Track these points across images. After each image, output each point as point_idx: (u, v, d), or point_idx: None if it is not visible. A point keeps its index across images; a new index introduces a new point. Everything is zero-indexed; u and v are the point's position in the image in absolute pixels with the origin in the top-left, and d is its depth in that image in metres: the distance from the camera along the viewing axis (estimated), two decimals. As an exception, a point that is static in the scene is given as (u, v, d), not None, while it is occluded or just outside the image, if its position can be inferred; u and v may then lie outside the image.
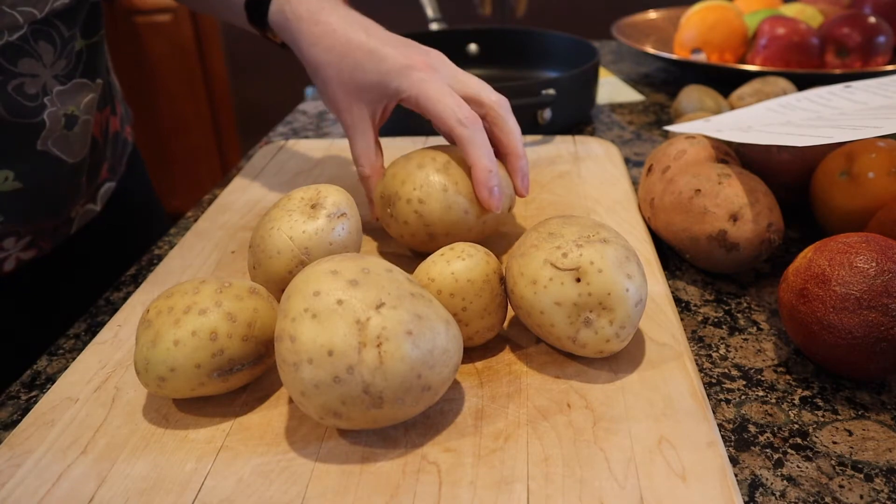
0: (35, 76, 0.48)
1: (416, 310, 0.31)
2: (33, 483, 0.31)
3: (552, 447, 0.32)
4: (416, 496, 0.30)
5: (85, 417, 0.35)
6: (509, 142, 0.47)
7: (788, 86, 0.72)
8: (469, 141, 0.44)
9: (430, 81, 0.45)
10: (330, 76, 0.47)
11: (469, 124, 0.44)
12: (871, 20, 0.86)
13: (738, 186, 0.46)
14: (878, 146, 0.48)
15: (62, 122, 0.52)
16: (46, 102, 0.50)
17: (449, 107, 0.44)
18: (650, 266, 0.46)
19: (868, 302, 0.35)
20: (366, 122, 0.48)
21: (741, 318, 0.45)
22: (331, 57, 0.47)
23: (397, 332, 0.30)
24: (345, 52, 0.47)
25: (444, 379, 0.32)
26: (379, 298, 0.31)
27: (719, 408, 0.37)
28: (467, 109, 0.44)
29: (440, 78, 0.46)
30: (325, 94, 0.49)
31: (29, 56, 0.48)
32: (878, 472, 0.33)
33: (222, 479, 0.31)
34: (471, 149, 0.44)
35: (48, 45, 0.49)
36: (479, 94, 0.47)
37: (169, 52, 2.14)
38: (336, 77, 0.47)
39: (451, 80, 0.47)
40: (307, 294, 0.31)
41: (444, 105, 0.44)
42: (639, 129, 0.78)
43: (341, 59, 0.47)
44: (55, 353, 0.44)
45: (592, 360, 0.37)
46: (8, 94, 0.47)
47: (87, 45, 0.54)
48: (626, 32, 1.02)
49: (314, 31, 0.48)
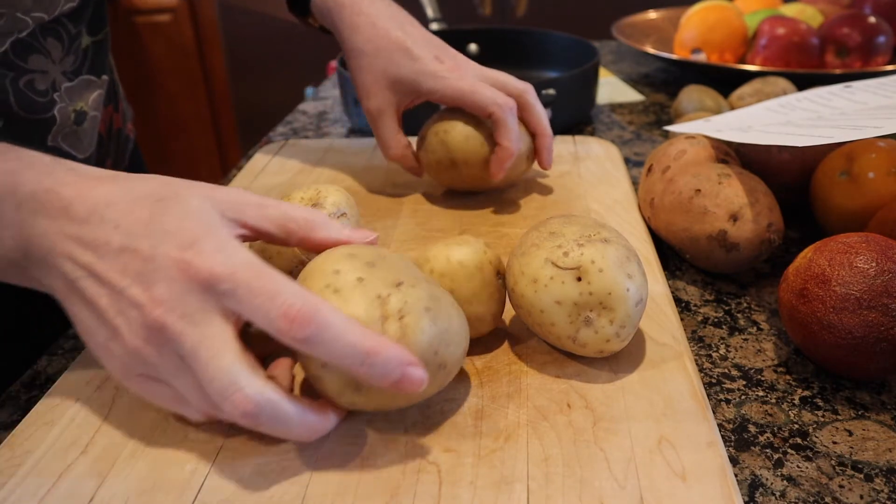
0: (44, 72, 0.49)
1: (431, 291, 0.32)
2: (33, 483, 0.31)
3: (552, 447, 0.32)
4: (416, 496, 0.30)
5: (85, 417, 0.35)
6: (538, 123, 0.54)
7: (788, 86, 0.72)
8: (502, 122, 0.50)
9: (462, 79, 0.51)
10: (364, 65, 0.52)
11: (507, 108, 0.50)
12: (871, 20, 0.86)
13: (738, 186, 0.46)
14: (878, 146, 0.48)
15: (72, 118, 0.52)
16: (56, 98, 0.50)
17: (485, 94, 0.50)
18: (650, 266, 0.46)
19: (868, 302, 0.35)
20: (392, 109, 0.53)
21: (741, 318, 0.45)
22: (369, 47, 0.52)
23: (417, 308, 0.31)
24: (382, 45, 0.51)
25: (457, 360, 0.33)
26: (397, 278, 0.32)
27: (719, 408, 0.37)
28: (502, 95, 0.50)
29: (470, 75, 0.52)
30: (357, 78, 0.53)
31: (38, 53, 0.48)
32: (878, 472, 0.33)
33: (222, 479, 0.31)
34: (502, 129, 0.50)
35: (56, 41, 0.50)
36: (506, 84, 0.53)
37: (169, 52, 2.14)
38: (370, 66, 0.52)
39: (479, 75, 0.53)
40: (327, 272, 0.31)
41: (480, 94, 0.50)
42: (639, 129, 0.78)
43: (378, 51, 0.51)
44: (55, 353, 0.44)
45: (592, 360, 0.37)
46: (20, 90, 0.48)
47: (93, 43, 0.55)
48: (626, 32, 1.02)
49: (356, 20, 0.52)
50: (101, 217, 0.31)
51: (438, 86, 0.51)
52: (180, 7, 2.07)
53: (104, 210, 0.32)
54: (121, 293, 0.30)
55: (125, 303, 0.30)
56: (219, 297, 0.30)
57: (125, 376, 0.32)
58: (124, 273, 0.30)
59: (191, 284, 0.30)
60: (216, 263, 0.30)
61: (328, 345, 0.29)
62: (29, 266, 0.33)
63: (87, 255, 0.31)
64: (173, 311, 0.29)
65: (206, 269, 0.30)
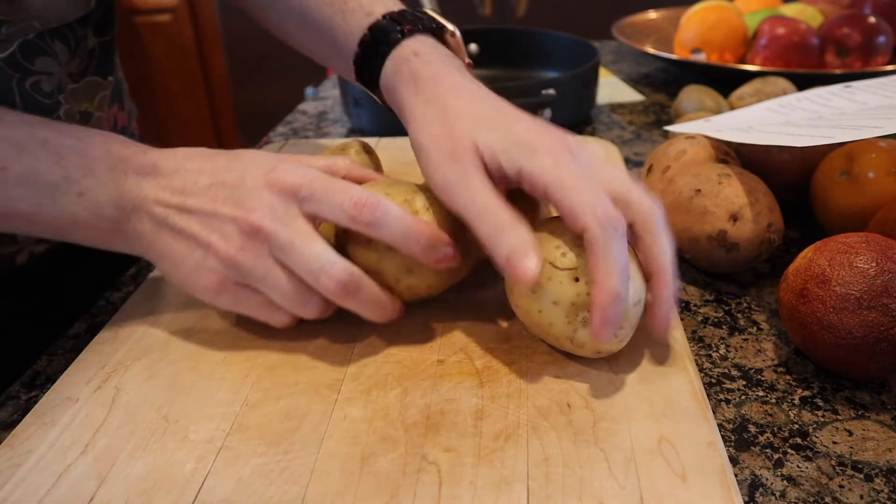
0: (50, 74, 0.49)
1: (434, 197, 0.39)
2: (33, 483, 0.31)
3: (552, 447, 0.32)
4: (416, 496, 0.30)
5: (85, 417, 0.35)
6: (660, 261, 0.36)
7: (788, 86, 0.72)
8: (603, 248, 0.33)
9: (565, 167, 0.35)
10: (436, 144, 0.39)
11: (609, 227, 0.33)
12: (871, 20, 0.86)
13: (738, 186, 0.46)
14: (878, 146, 0.48)
15: (77, 118, 0.53)
16: (61, 100, 0.50)
17: (587, 201, 0.34)
18: (650, 266, 0.46)
19: (868, 302, 0.35)
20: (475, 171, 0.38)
21: (741, 318, 0.45)
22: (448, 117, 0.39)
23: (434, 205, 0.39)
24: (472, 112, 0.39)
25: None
26: (412, 190, 0.39)
27: (719, 408, 0.37)
28: (612, 208, 0.34)
29: (578, 163, 0.36)
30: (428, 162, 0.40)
31: (45, 55, 0.48)
32: (878, 472, 0.33)
33: (222, 479, 0.31)
34: (602, 260, 0.33)
35: (63, 45, 0.49)
36: (627, 194, 0.36)
37: (169, 52, 2.14)
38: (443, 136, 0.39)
39: (590, 169, 0.36)
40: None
41: (582, 198, 0.34)
42: (639, 129, 0.78)
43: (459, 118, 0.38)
44: (55, 353, 0.44)
45: (592, 361, 0.37)
46: (26, 91, 0.48)
47: (100, 43, 0.55)
48: (626, 32, 1.02)
49: (433, 91, 0.40)
50: (186, 170, 0.38)
51: (535, 166, 0.35)
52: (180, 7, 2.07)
53: (187, 164, 0.38)
54: (213, 215, 0.37)
55: (218, 221, 0.37)
56: (301, 202, 0.36)
57: (218, 290, 0.37)
58: (214, 200, 0.37)
59: (277, 195, 0.36)
60: (296, 177, 0.37)
61: (390, 226, 0.36)
62: (121, 219, 0.38)
63: (176, 197, 0.38)
64: (266, 217, 0.36)
65: (289, 181, 0.37)
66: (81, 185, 0.38)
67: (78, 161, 0.38)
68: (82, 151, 0.38)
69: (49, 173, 0.37)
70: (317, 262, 0.35)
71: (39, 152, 0.37)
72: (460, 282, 0.42)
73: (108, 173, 0.38)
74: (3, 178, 0.37)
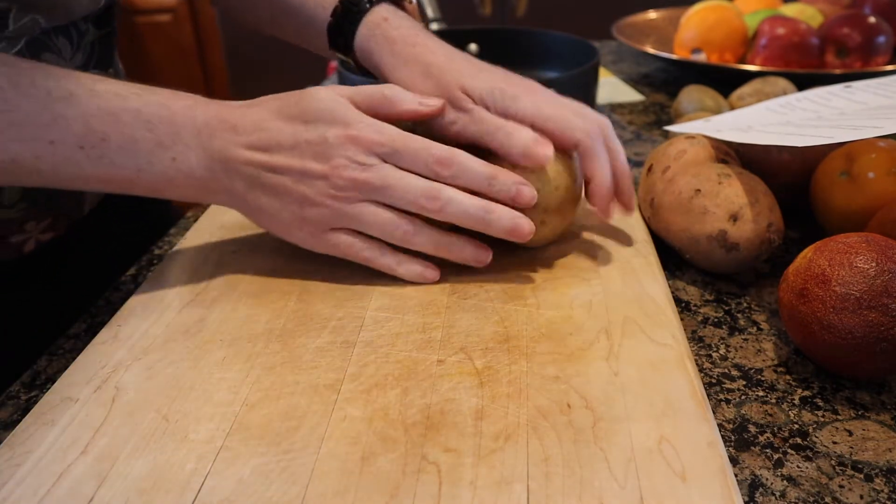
0: None
1: None
2: (33, 483, 0.31)
3: (552, 447, 0.32)
4: (416, 496, 0.30)
5: (85, 417, 0.35)
6: (617, 161, 0.46)
7: (788, 86, 0.72)
8: (594, 153, 0.44)
9: (543, 103, 0.44)
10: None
11: (595, 136, 0.44)
12: (871, 20, 0.86)
13: (738, 186, 0.46)
14: (878, 146, 0.48)
15: None
16: None
17: (572, 120, 0.44)
18: (650, 266, 0.46)
19: (868, 302, 0.35)
20: None
21: (741, 318, 0.45)
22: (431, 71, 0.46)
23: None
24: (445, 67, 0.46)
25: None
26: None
27: (719, 408, 0.37)
28: (589, 123, 0.45)
29: (546, 98, 0.45)
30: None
31: (50, 51, 0.49)
32: (878, 472, 0.33)
33: (222, 479, 0.31)
34: (594, 162, 0.45)
35: (66, 40, 0.50)
36: (585, 109, 0.47)
37: (169, 52, 2.14)
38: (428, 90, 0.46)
39: (556, 100, 0.46)
40: None
41: (567, 120, 0.44)
42: (639, 129, 0.78)
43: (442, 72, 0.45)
44: (55, 353, 0.44)
45: (592, 361, 0.37)
46: None
47: (100, 36, 0.55)
48: (626, 32, 1.02)
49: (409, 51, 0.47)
50: (265, 128, 0.41)
51: (516, 107, 0.44)
52: (180, 7, 2.07)
53: (264, 124, 0.41)
54: (303, 173, 0.41)
55: (309, 177, 0.41)
56: (384, 157, 0.40)
57: (317, 236, 0.42)
58: (302, 158, 0.41)
59: (361, 149, 0.40)
60: (376, 134, 0.40)
61: (468, 173, 0.41)
62: (213, 178, 0.42)
63: (262, 156, 0.41)
64: (356, 169, 0.40)
65: (370, 138, 0.40)
66: (173, 151, 0.41)
67: (167, 129, 0.41)
68: (169, 119, 0.41)
69: (145, 141, 0.40)
70: (416, 183, 0.40)
71: (134, 122, 0.40)
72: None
73: (195, 139, 0.41)
74: (107, 147, 0.40)
